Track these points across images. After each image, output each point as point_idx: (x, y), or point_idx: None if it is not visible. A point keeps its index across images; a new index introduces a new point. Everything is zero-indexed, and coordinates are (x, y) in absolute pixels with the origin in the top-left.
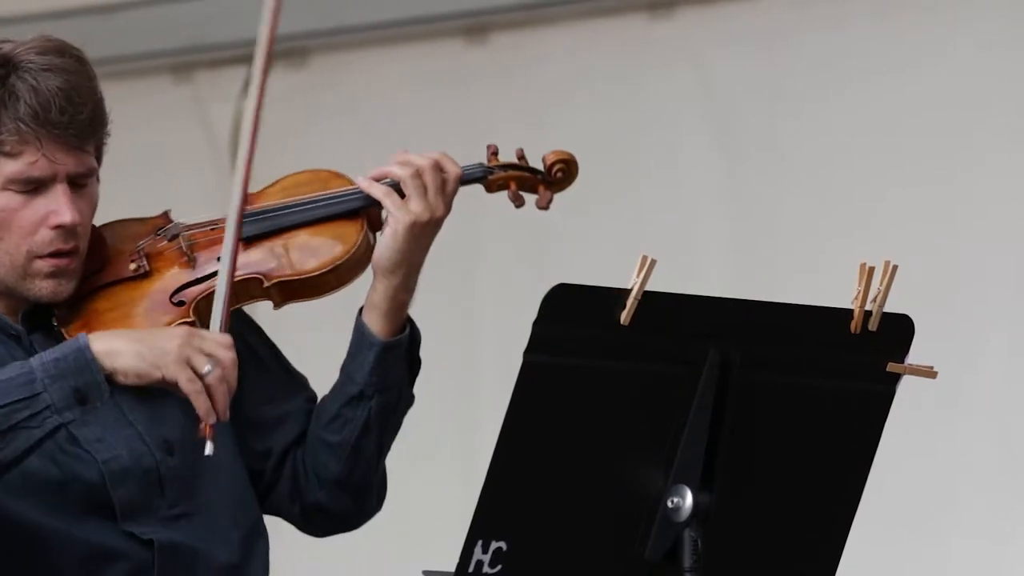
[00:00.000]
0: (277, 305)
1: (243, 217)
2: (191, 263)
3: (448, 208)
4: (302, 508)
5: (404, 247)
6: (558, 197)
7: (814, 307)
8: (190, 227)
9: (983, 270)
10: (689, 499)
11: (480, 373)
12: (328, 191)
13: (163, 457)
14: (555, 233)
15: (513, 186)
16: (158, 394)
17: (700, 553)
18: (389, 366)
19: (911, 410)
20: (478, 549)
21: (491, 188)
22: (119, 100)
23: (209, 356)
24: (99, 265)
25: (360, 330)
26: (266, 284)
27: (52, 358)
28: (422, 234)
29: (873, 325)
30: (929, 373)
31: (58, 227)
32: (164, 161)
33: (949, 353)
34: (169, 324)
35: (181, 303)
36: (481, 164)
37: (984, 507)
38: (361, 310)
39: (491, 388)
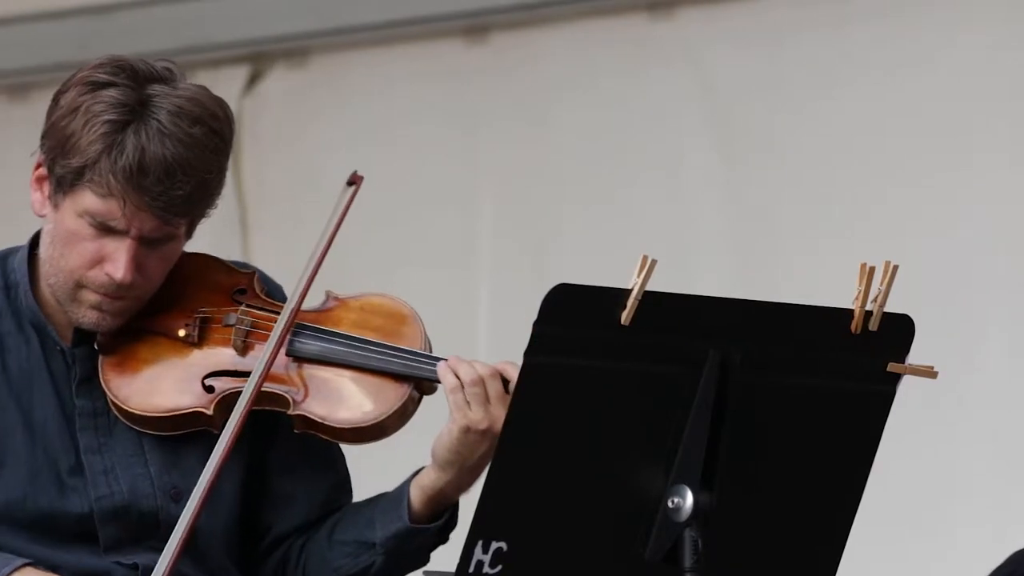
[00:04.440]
0: (297, 429)
1: (302, 330)
2: (239, 349)
3: None
4: None
5: (458, 448)
6: (559, 197)
7: (814, 307)
8: (261, 306)
9: (983, 270)
10: (689, 499)
11: None
12: (396, 341)
13: (165, 503)
14: (555, 233)
15: None
16: (181, 440)
17: (700, 553)
18: (411, 542)
19: (911, 410)
20: (478, 549)
21: None
22: None
23: None
24: (164, 305)
25: (402, 493)
26: (291, 410)
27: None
28: (477, 440)
29: (873, 325)
30: (929, 373)
31: (108, 276)
32: None
33: (949, 353)
34: (190, 407)
35: (211, 389)
36: None
37: (984, 508)
38: (419, 471)
39: None
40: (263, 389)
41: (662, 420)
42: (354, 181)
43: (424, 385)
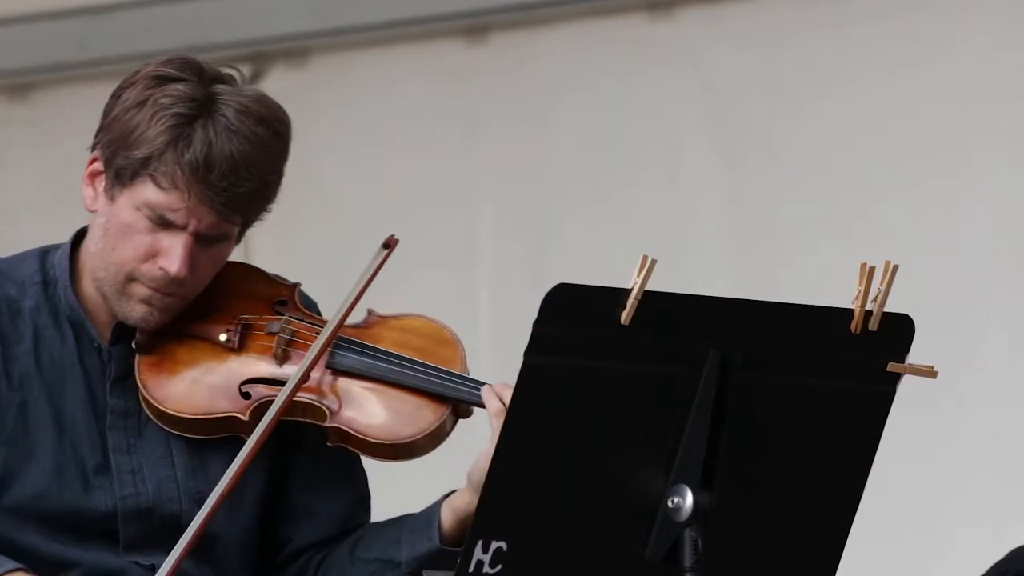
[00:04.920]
0: (330, 442)
1: (342, 343)
2: (279, 358)
3: None
4: None
5: None
6: (559, 197)
7: (814, 307)
8: (303, 318)
9: (983, 270)
10: (689, 499)
11: (480, 373)
12: (436, 363)
13: (190, 508)
14: (555, 233)
15: None
16: (209, 445)
17: (700, 553)
18: (438, 562)
19: (911, 410)
20: (478, 549)
21: None
22: None
23: None
24: (204, 310)
25: (432, 515)
26: (328, 422)
27: None
28: None
29: (873, 325)
30: (929, 373)
31: (163, 270)
32: None
33: (949, 353)
34: (225, 412)
35: (247, 395)
36: None
37: (984, 508)
38: (449, 493)
39: None
40: (299, 399)
41: (662, 420)
42: (389, 245)
43: (462, 408)
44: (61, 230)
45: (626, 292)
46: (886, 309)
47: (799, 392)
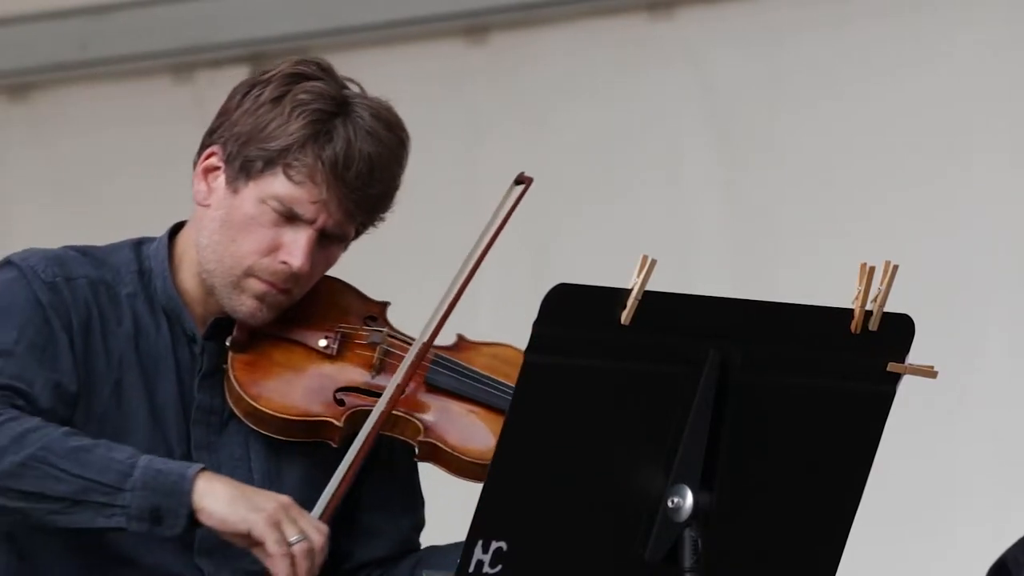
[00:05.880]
0: (418, 457)
1: (439, 361)
2: (375, 369)
3: None
4: None
5: None
6: (559, 197)
7: (814, 307)
8: (396, 337)
9: (983, 270)
10: (689, 499)
11: None
12: None
13: None
14: (555, 233)
15: None
16: (285, 456)
17: (700, 553)
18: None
19: (911, 410)
20: (478, 549)
21: None
22: (119, 100)
23: (300, 531)
24: (301, 317)
25: None
26: (421, 437)
27: (156, 468)
28: None
29: (873, 325)
30: (929, 373)
31: (285, 264)
32: (164, 161)
33: (949, 353)
34: (319, 416)
35: (341, 403)
36: None
37: (984, 508)
38: None
39: None
40: (393, 413)
41: (662, 420)
42: (523, 181)
43: None
44: (61, 230)
45: (626, 292)
46: (886, 309)
47: (799, 392)
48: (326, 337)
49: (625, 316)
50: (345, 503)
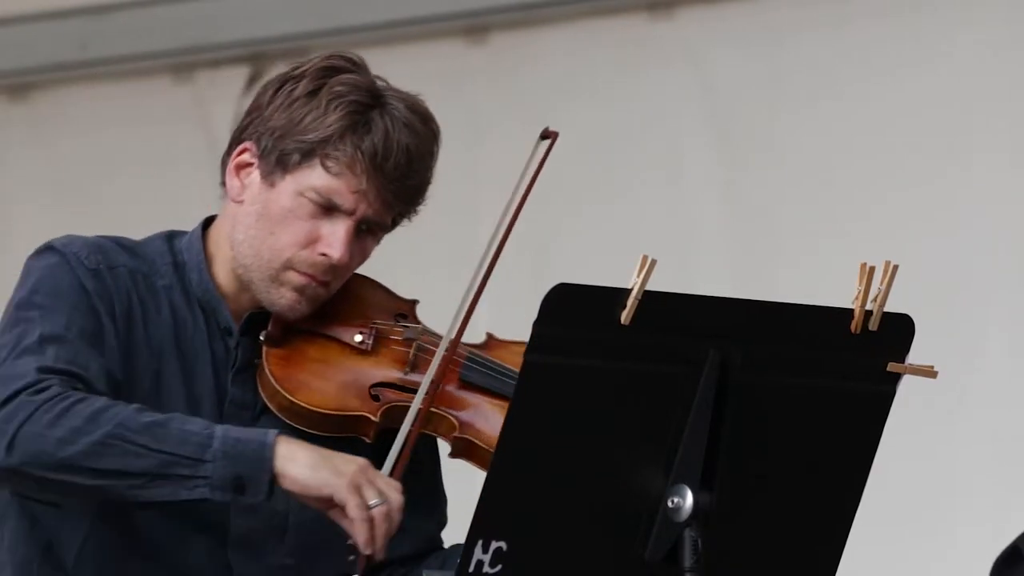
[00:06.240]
0: (452, 454)
1: (472, 359)
2: (410, 365)
3: None
4: None
5: None
6: (559, 196)
7: (814, 307)
8: (429, 335)
9: (983, 270)
10: (689, 499)
11: None
12: None
13: (295, 509)
14: (555, 233)
15: None
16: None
17: (700, 553)
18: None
19: (911, 410)
20: (478, 549)
21: None
22: (119, 100)
23: (380, 493)
24: (333, 313)
25: None
26: (456, 433)
27: (235, 436)
28: None
29: (873, 325)
30: (929, 373)
31: (324, 256)
32: (163, 161)
33: (949, 353)
34: (356, 410)
35: (376, 398)
36: None
37: (984, 508)
38: None
39: None
40: (430, 409)
41: (662, 420)
42: (548, 135)
43: None
44: (61, 230)
45: (626, 292)
46: (886, 309)
47: (799, 392)
48: (361, 332)
49: (625, 316)
50: None
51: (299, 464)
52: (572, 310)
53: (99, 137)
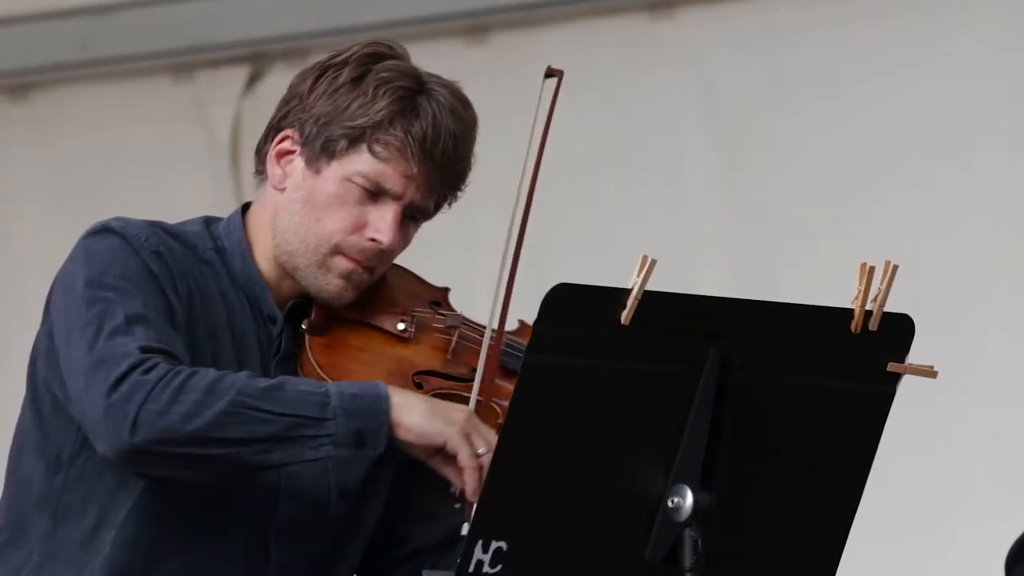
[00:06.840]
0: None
1: (511, 345)
2: (450, 356)
3: None
4: None
5: None
6: (559, 196)
7: (814, 307)
8: (468, 323)
9: (983, 270)
10: (689, 499)
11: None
12: None
13: (337, 500)
14: (555, 233)
15: None
16: None
17: (700, 553)
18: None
19: (911, 410)
20: (478, 549)
21: None
22: (119, 100)
23: (487, 441)
24: (372, 301)
25: None
26: (500, 421)
27: (351, 392)
28: None
29: (873, 325)
30: (929, 373)
31: (373, 241)
32: (164, 161)
33: (949, 353)
34: None
35: (420, 386)
36: None
37: (984, 508)
38: None
39: None
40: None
41: (662, 420)
42: (553, 73)
43: None
44: (61, 229)
45: (626, 292)
46: (886, 309)
47: (799, 392)
48: (403, 321)
49: (625, 316)
50: (401, 489)
51: (415, 413)
52: (572, 310)
53: (99, 137)
